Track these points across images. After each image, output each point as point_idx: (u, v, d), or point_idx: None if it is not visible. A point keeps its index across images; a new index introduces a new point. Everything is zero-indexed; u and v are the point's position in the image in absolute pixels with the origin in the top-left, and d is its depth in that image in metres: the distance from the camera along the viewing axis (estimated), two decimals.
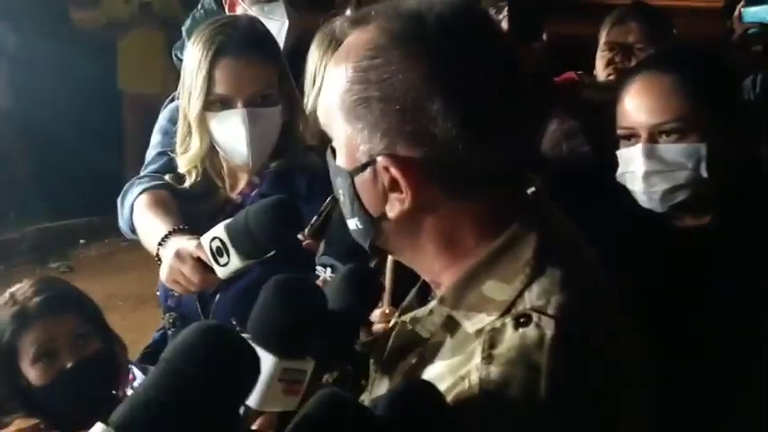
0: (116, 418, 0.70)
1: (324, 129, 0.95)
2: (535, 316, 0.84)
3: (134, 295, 4.21)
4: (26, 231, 5.13)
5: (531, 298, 0.86)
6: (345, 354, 1.08)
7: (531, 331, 0.83)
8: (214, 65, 1.63)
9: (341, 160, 0.92)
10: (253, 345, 0.79)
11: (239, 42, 1.65)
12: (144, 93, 5.16)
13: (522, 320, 0.84)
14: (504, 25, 2.10)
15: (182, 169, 1.75)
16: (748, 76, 2.44)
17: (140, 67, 5.38)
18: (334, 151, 0.95)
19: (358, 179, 0.90)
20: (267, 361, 0.87)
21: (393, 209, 0.89)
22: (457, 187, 0.88)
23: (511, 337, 0.83)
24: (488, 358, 0.82)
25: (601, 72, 2.35)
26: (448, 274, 0.92)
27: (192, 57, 1.66)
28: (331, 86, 0.91)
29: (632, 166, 1.47)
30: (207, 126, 1.68)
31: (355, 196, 0.91)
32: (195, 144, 1.70)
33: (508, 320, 0.85)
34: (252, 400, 0.86)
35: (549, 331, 0.82)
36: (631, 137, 1.49)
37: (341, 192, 0.94)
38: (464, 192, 0.88)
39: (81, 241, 5.15)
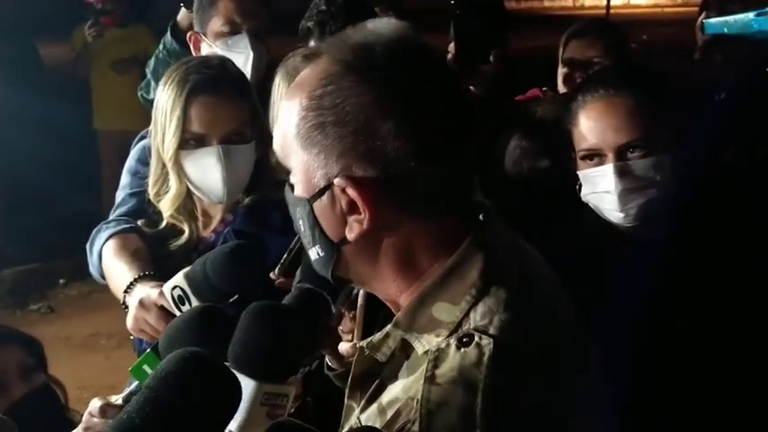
0: None
1: (282, 162, 0.98)
2: (477, 336, 0.86)
3: (118, 333, 4.17)
4: (4, 274, 5.07)
5: (476, 318, 0.89)
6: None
7: (471, 351, 0.85)
8: (189, 103, 1.64)
9: (299, 190, 0.95)
10: (233, 371, 0.80)
11: (213, 81, 1.67)
12: (119, 130, 5.15)
13: (464, 340, 0.87)
14: (452, 49, 2.13)
15: (165, 213, 1.74)
16: (710, 85, 2.47)
17: (114, 105, 5.36)
18: (292, 186, 0.97)
19: (317, 205, 0.93)
20: (248, 386, 0.88)
21: (352, 231, 0.92)
22: (411, 206, 0.92)
23: (453, 358, 0.86)
24: (431, 378, 0.85)
25: (561, 88, 2.37)
26: (404, 296, 0.95)
27: (166, 96, 1.66)
28: (286, 118, 0.94)
29: (603, 185, 1.50)
30: (181, 165, 1.68)
31: (315, 222, 0.94)
32: (174, 185, 1.70)
33: (452, 341, 0.87)
34: (235, 426, 0.88)
35: (487, 350, 0.85)
36: (594, 156, 1.52)
37: (300, 222, 0.97)
38: (418, 210, 0.92)
39: (61, 281, 5.09)
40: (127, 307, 1.55)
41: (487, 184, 1.11)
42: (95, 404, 1.24)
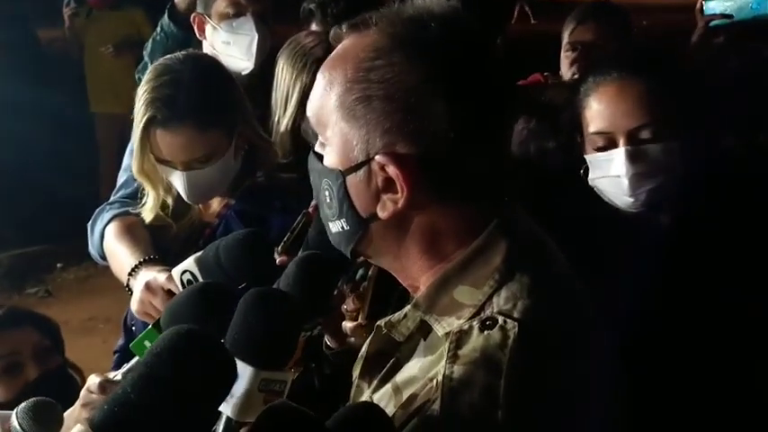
0: (96, 419, 0.71)
1: (313, 130, 0.96)
2: (500, 319, 0.86)
3: (115, 317, 4.14)
4: (1, 258, 5.07)
5: (499, 302, 0.89)
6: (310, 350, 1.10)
7: (495, 333, 0.85)
8: (148, 131, 1.60)
9: (332, 160, 0.93)
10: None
11: (172, 111, 1.59)
12: (115, 113, 5.13)
13: (488, 323, 0.87)
14: None
15: (147, 220, 1.74)
16: (710, 70, 2.47)
17: (110, 88, 5.34)
18: (318, 155, 0.95)
19: (350, 179, 0.91)
20: (246, 372, 0.88)
21: (385, 209, 0.90)
22: (448, 188, 0.90)
23: (476, 339, 0.86)
24: (453, 358, 0.85)
25: (566, 72, 2.37)
26: (425, 277, 0.94)
27: (136, 110, 1.63)
28: (326, 88, 0.92)
29: (614, 170, 1.49)
30: (154, 174, 1.68)
31: (346, 196, 0.92)
32: (151, 196, 1.71)
33: (475, 323, 0.87)
34: (233, 412, 0.87)
35: (512, 333, 0.85)
36: (604, 140, 1.51)
37: (327, 193, 0.94)
38: (454, 194, 0.91)
39: (58, 265, 5.10)
40: (130, 290, 1.55)
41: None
42: (94, 380, 1.23)
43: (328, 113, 0.92)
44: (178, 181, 1.65)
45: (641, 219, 1.54)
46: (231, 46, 2.09)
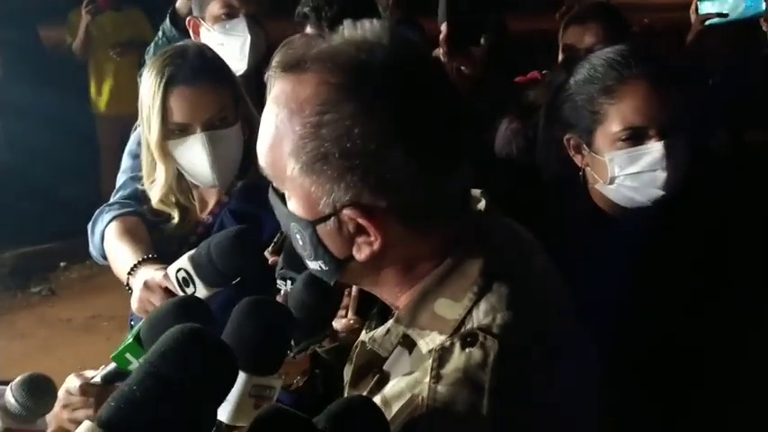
0: (103, 416, 0.73)
1: (267, 175, 0.94)
2: (481, 336, 0.87)
3: (118, 315, 4.20)
4: (5, 257, 5.10)
5: (479, 316, 0.90)
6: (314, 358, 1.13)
7: (476, 351, 0.86)
8: (167, 95, 1.67)
9: (297, 210, 0.92)
10: None
11: (188, 69, 1.69)
12: (117, 114, 5.16)
13: (468, 340, 0.88)
14: (444, 29, 2.16)
15: (154, 200, 1.77)
16: (703, 69, 2.49)
17: (112, 89, 5.37)
18: (281, 196, 0.95)
19: (321, 227, 0.91)
20: (239, 378, 0.89)
21: (361, 251, 0.91)
22: (420, 222, 0.91)
23: (458, 358, 0.87)
24: (436, 377, 0.86)
25: None
26: (405, 296, 0.96)
27: (147, 88, 1.70)
28: (274, 141, 0.90)
29: (650, 163, 1.48)
30: (170, 153, 1.71)
31: (319, 243, 0.92)
32: (161, 173, 1.73)
33: (456, 340, 0.88)
34: (224, 416, 0.90)
35: (491, 352, 0.86)
36: (634, 136, 1.50)
37: (298, 236, 0.94)
38: (426, 225, 0.92)
39: (61, 264, 5.12)
40: (130, 288, 1.59)
41: (477, 168, 1.13)
42: (74, 382, 1.21)
43: (283, 167, 0.90)
44: (198, 148, 1.67)
45: (621, 218, 1.56)
46: (225, 47, 2.12)
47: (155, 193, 1.77)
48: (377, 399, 0.94)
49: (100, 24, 5.31)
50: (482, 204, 1.00)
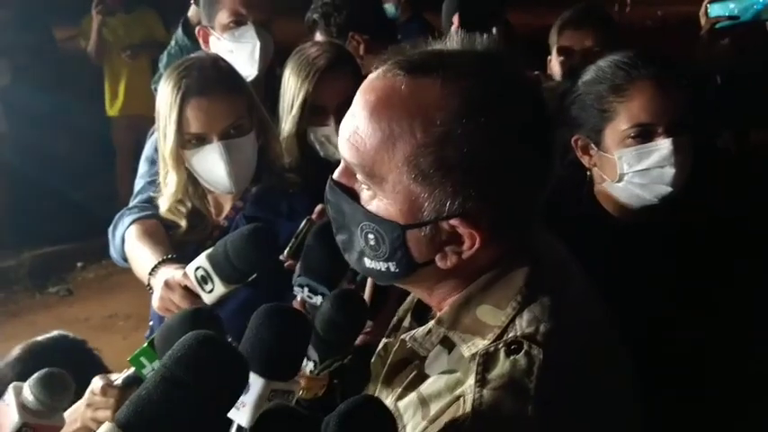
0: (122, 418, 0.78)
1: (357, 169, 0.93)
2: (525, 344, 0.90)
3: (135, 314, 4.27)
4: (23, 257, 5.16)
5: (522, 325, 0.92)
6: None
7: (521, 359, 0.89)
8: (184, 106, 1.72)
9: (387, 211, 0.92)
10: None
11: (204, 81, 1.74)
12: (131, 115, 5.22)
13: (513, 347, 0.90)
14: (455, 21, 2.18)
15: (162, 208, 1.83)
16: (711, 70, 2.49)
17: (126, 91, 5.41)
18: (346, 190, 0.95)
19: (411, 232, 0.91)
20: (257, 383, 0.93)
21: (447, 259, 0.92)
22: (504, 233, 0.93)
23: (503, 364, 0.89)
24: (482, 382, 0.88)
25: (557, 75, 2.37)
26: (451, 299, 0.97)
27: (163, 100, 1.75)
28: (387, 142, 0.89)
29: (658, 160, 1.51)
30: (185, 162, 1.77)
31: (403, 246, 0.92)
32: (172, 181, 1.79)
33: (501, 346, 0.91)
34: (244, 420, 0.93)
35: (537, 359, 0.88)
36: (642, 133, 1.53)
37: (371, 236, 0.93)
38: (508, 235, 0.94)
39: (78, 264, 5.18)
40: (152, 289, 1.65)
41: None
42: (97, 383, 1.29)
43: (389, 167, 0.89)
44: (215, 157, 1.73)
45: (634, 219, 1.59)
46: (235, 54, 2.16)
47: (163, 201, 1.83)
48: (412, 395, 0.97)
49: (112, 27, 5.35)
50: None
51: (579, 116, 1.61)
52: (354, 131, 0.92)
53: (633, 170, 1.54)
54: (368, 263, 0.97)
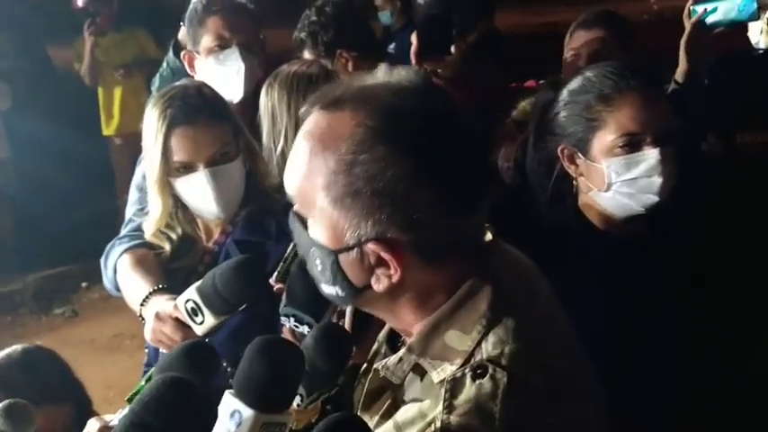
0: None
1: (293, 200, 1.00)
2: (491, 368, 0.92)
3: (140, 334, 4.20)
4: (28, 280, 5.19)
5: (488, 348, 0.95)
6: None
7: (486, 383, 0.92)
8: (169, 135, 1.74)
9: (320, 237, 0.97)
10: (236, 399, 0.90)
11: (189, 109, 1.75)
12: (128, 134, 5.24)
13: (479, 372, 0.93)
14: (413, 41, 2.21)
15: (147, 233, 1.85)
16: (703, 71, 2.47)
17: (121, 110, 5.44)
18: (302, 221, 1.00)
19: (343, 257, 0.96)
20: (249, 415, 0.93)
21: (380, 282, 0.96)
22: (438, 258, 0.96)
23: (469, 389, 0.92)
24: (449, 408, 0.91)
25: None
26: (417, 326, 1.00)
27: (149, 129, 1.77)
28: (307, 172, 0.95)
29: (646, 170, 1.52)
30: (171, 190, 1.78)
31: (339, 270, 0.97)
32: (156, 209, 1.81)
33: (468, 371, 0.93)
34: None
35: (501, 383, 0.91)
36: (630, 143, 1.53)
37: (317, 262, 0.99)
38: (443, 260, 0.97)
39: (83, 285, 5.20)
40: (143, 319, 1.66)
41: None
42: (93, 426, 1.32)
43: (312, 197, 0.96)
44: (202, 184, 1.74)
45: (617, 226, 1.60)
46: (220, 77, 2.18)
47: (147, 226, 1.84)
48: (389, 424, 1.00)
49: (104, 48, 5.38)
50: (488, 236, 1.04)
51: (566, 125, 1.61)
52: (289, 164, 1.00)
53: (621, 179, 1.54)
54: (323, 287, 1.02)
